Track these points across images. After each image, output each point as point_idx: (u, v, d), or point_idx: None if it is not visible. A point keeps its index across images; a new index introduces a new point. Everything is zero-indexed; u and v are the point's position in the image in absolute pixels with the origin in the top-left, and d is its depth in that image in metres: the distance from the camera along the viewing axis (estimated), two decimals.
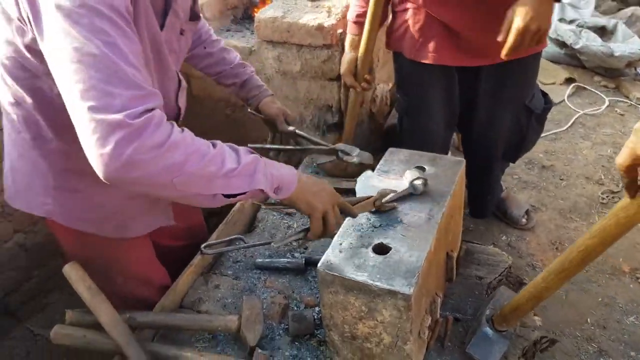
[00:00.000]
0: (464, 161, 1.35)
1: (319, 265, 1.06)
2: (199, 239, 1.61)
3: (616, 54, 3.44)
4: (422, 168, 1.32)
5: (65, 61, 0.86)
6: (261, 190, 1.04)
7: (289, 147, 1.70)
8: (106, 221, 1.30)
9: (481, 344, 1.18)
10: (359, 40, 1.81)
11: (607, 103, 3.40)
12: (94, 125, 0.84)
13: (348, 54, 1.87)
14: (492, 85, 1.90)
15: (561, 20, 3.85)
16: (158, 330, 1.33)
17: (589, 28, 3.69)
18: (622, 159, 0.70)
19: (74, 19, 0.85)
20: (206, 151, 0.95)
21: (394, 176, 1.30)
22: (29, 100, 1.09)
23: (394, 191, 1.23)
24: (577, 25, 3.73)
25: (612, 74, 3.64)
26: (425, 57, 1.82)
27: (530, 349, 1.24)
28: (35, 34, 0.92)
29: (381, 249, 1.09)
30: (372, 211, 1.21)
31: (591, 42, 3.53)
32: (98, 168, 0.86)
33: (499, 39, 1.61)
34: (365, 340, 1.09)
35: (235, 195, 1.02)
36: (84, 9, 0.85)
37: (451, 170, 1.31)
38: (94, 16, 0.85)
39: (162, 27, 1.14)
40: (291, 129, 1.65)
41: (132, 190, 1.05)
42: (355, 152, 1.64)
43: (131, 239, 1.38)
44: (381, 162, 1.38)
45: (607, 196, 2.62)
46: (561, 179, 2.76)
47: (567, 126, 3.19)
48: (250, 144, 1.48)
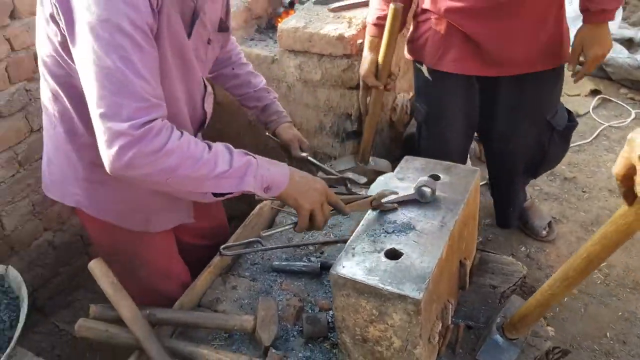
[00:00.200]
0: (479, 170, 1.36)
1: (331, 268, 1.09)
2: (222, 239, 1.65)
3: None
4: (436, 176, 1.34)
5: (87, 69, 0.99)
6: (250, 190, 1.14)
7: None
8: (131, 214, 1.37)
9: (491, 352, 1.19)
10: (378, 42, 1.82)
11: (633, 115, 3.34)
12: (103, 129, 0.99)
13: (368, 55, 1.86)
14: (511, 98, 1.91)
15: None
16: (177, 327, 1.37)
17: (615, 40, 3.64)
18: (618, 169, 0.72)
19: (96, 32, 0.96)
20: (200, 156, 1.06)
21: (408, 184, 1.33)
22: (64, 96, 1.18)
23: (394, 192, 1.25)
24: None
25: (639, 86, 3.58)
26: (446, 66, 1.84)
27: (542, 359, 1.24)
28: (67, 37, 1.02)
29: (393, 254, 1.11)
30: (379, 212, 1.23)
31: (617, 53, 3.49)
32: (105, 164, 1.01)
33: (569, 69, 1.83)
34: (376, 343, 1.11)
35: (225, 194, 1.13)
36: (107, 24, 0.96)
37: (466, 179, 1.32)
38: (114, 32, 0.96)
39: (189, 35, 1.21)
40: (304, 154, 1.66)
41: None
42: (362, 180, 1.61)
43: (155, 234, 1.44)
44: (397, 169, 1.41)
45: None
46: (583, 192, 2.73)
47: (591, 138, 3.15)
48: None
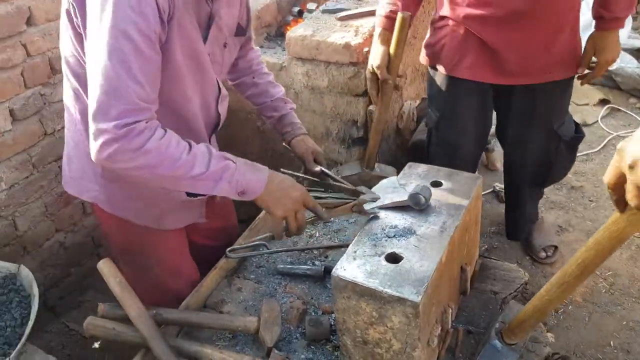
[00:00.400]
0: (481, 177, 1.38)
1: (333, 271, 1.11)
2: (233, 240, 1.69)
3: None
4: (438, 183, 1.36)
5: (91, 65, 1.07)
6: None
7: (315, 179, 1.72)
8: (145, 211, 1.41)
9: (490, 357, 1.20)
10: (389, 36, 1.80)
11: None
12: (92, 124, 1.06)
13: (380, 47, 1.83)
14: (522, 105, 1.92)
15: None
16: (182, 327, 1.40)
17: (625, 50, 3.64)
18: (609, 177, 0.73)
19: (104, 34, 1.03)
20: (179, 156, 1.12)
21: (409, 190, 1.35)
22: (85, 95, 1.23)
23: (374, 198, 1.29)
24: None
25: None
26: (461, 73, 1.85)
27: None
28: (82, 33, 1.11)
29: (393, 258, 1.13)
30: (375, 218, 1.26)
31: (627, 63, 3.49)
32: (90, 153, 1.09)
33: (579, 71, 1.85)
34: (376, 345, 1.13)
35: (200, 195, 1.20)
36: (115, 29, 1.02)
37: (467, 185, 1.34)
38: (120, 37, 1.03)
39: (205, 39, 1.26)
40: (318, 169, 1.67)
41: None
42: (375, 196, 1.58)
43: (167, 232, 1.49)
44: (400, 175, 1.43)
45: None
46: (590, 201, 2.73)
47: (599, 147, 3.15)
48: (282, 169, 1.63)
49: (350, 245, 1.20)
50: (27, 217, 2.10)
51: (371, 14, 2.27)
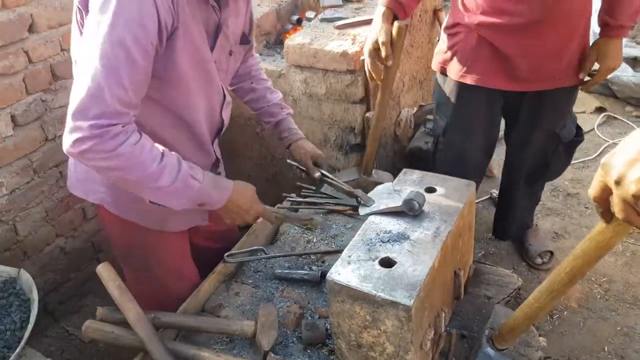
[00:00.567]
0: (474, 184, 1.41)
1: (327, 275, 1.14)
2: (232, 242, 1.72)
3: None
4: (432, 189, 1.38)
5: (81, 64, 1.11)
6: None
7: (314, 199, 1.83)
8: (150, 213, 1.43)
9: None
10: (392, 16, 1.72)
11: None
12: (70, 119, 1.09)
13: (383, 25, 1.70)
14: (530, 110, 1.95)
15: None
16: (180, 330, 1.42)
17: None
18: (594, 191, 0.74)
19: (100, 37, 1.06)
20: (148, 165, 1.16)
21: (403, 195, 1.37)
22: None
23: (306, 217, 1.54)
24: None
25: None
26: (472, 79, 1.86)
27: None
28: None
29: (387, 263, 1.15)
30: (384, 231, 1.28)
31: (623, 72, 3.52)
32: (63, 145, 1.12)
33: (580, 76, 1.86)
34: (369, 349, 1.15)
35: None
36: (112, 35, 1.05)
37: (461, 192, 1.37)
38: (115, 45, 1.06)
39: (212, 47, 1.30)
40: (317, 175, 1.69)
41: None
42: (371, 202, 1.55)
43: (170, 234, 1.52)
44: (395, 181, 1.45)
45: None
46: (586, 207, 2.75)
47: (595, 155, 3.17)
48: (285, 194, 1.78)
49: (345, 249, 1.22)
50: (27, 222, 2.11)
51: (368, 22, 2.29)
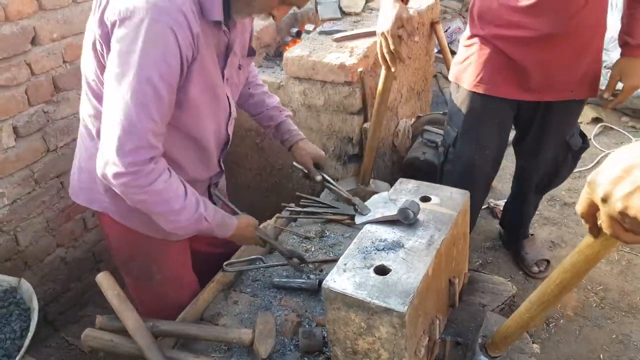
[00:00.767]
0: (469, 193, 1.43)
1: (323, 282, 1.15)
2: (233, 247, 1.74)
3: None
4: (427, 198, 1.41)
5: (112, 101, 1.17)
6: None
7: (313, 208, 1.87)
8: (153, 222, 1.44)
9: None
10: None
11: None
12: (109, 154, 1.18)
13: (397, 5, 1.61)
14: (543, 120, 1.98)
15: None
16: (179, 338, 1.44)
17: None
18: (581, 208, 0.75)
19: (129, 75, 1.14)
20: (173, 203, 1.28)
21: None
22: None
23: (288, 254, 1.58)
24: (604, 67, 3.76)
25: None
26: (485, 89, 1.89)
27: None
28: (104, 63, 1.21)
29: (382, 270, 1.17)
30: (379, 239, 1.30)
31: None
32: (98, 169, 1.22)
33: (605, 95, 1.92)
34: (365, 355, 1.17)
35: None
36: (140, 74, 1.13)
37: (455, 201, 1.39)
38: (143, 81, 1.14)
39: (224, 67, 1.36)
40: (319, 178, 1.72)
41: None
42: (366, 211, 1.55)
43: (172, 242, 1.54)
44: (391, 190, 1.48)
45: None
46: None
47: (591, 165, 3.21)
48: (284, 203, 1.84)
49: (341, 258, 1.24)
50: (28, 232, 2.13)
51: (366, 35, 2.34)
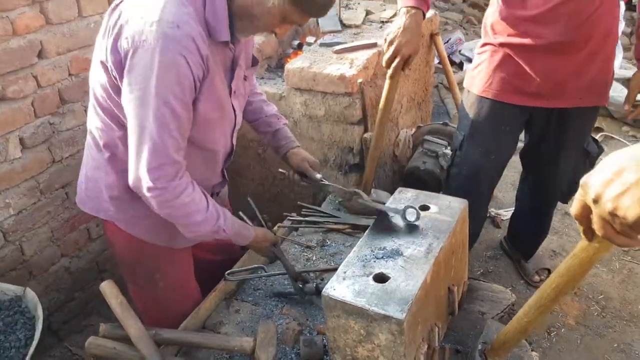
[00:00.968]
0: (467, 202, 1.45)
1: (323, 290, 1.17)
2: (236, 254, 1.77)
3: None
4: (426, 207, 1.42)
5: (132, 123, 1.25)
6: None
7: (314, 218, 1.91)
8: (159, 230, 1.49)
9: None
10: (422, 18, 1.69)
11: None
12: (141, 174, 1.27)
13: (415, 30, 1.66)
14: (557, 128, 1.99)
15: None
16: (181, 347, 1.45)
17: (617, 80, 3.74)
18: (575, 210, 0.77)
19: (146, 99, 1.21)
20: (194, 216, 1.36)
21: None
22: (112, 128, 1.37)
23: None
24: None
25: None
26: (493, 94, 1.92)
27: None
28: (118, 84, 1.26)
29: (381, 278, 1.19)
30: (378, 247, 1.32)
31: (618, 93, 3.58)
32: (131, 182, 1.30)
33: (625, 107, 1.94)
34: None
35: None
36: (157, 97, 1.20)
37: (454, 209, 1.41)
38: (161, 104, 1.21)
39: (231, 80, 1.41)
40: (318, 176, 1.74)
41: None
42: (368, 199, 1.63)
43: (176, 251, 1.57)
44: (390, 199, 1.50)
45: None
46: None
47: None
48: (286, 213, 1.91)
49: (341, 266, 1.25)
50: (33, 242, 2.16)
51: (366, 47, 2.38)
